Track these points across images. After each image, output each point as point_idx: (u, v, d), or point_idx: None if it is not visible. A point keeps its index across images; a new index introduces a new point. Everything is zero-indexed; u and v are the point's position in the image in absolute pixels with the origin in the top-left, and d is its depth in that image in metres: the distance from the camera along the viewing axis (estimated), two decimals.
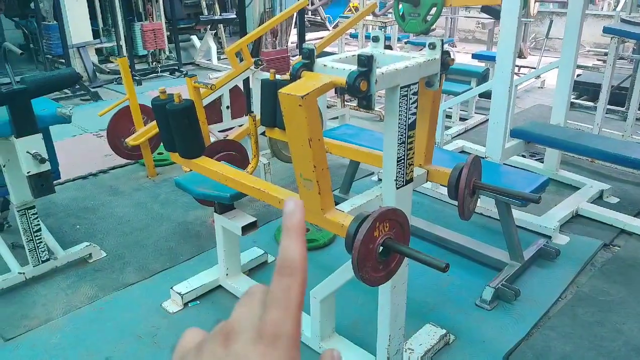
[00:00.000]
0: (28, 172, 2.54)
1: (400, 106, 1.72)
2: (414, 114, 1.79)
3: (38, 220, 2.97)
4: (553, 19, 8.12)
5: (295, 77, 1.66)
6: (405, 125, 1.77)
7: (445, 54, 1.81)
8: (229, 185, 2.15)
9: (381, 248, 1.54)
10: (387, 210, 1.54)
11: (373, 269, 1.55)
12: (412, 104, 1.77)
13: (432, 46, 1.79)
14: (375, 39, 1.93)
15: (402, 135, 1.77)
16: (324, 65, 1.67)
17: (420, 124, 1.90)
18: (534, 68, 7.58)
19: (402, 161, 1.82)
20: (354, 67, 1.58)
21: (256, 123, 2.76)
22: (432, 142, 2.06)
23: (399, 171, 1.82)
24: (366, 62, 1.52)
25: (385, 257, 1.57)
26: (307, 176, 1.64)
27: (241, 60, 4.51)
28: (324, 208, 1.69)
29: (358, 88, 1.52)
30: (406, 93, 1.73)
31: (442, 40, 1.79)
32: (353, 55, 1.81)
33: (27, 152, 2.50)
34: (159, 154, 4.70)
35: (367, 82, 1.54)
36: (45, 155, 2.53)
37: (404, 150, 1.81)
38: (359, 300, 2.86)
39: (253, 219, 2.68)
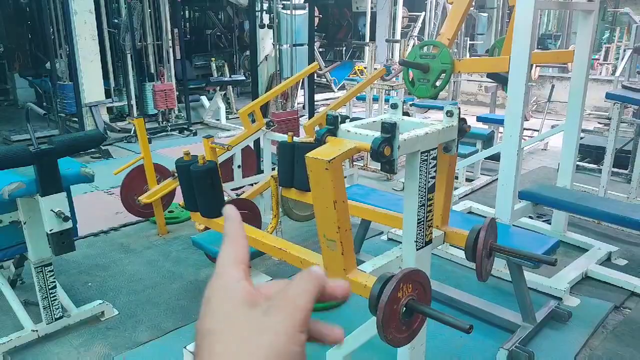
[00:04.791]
0: (50, 230, 2.59)
1: (420, 170, 1.80)
2: (433, 177, 1.86)
3: (54, 278, 2.99)
4: (554, 84, 8.36)
5: (320, 141, 1.74)
6: (425, 188, 1.84)
7: (462, 121, 1.90)
8: (249, 244, 2.19)
9: (404, 309, 1.57)
10: (410, 272, 1.58)
11: (397, 330, 1.57)
12: (431, 167, 1.84)
13: (450, 114, 1.88)
14: (394, 106, 2.02)
15: (422, 197, 1.84)
16: (348, 131, 1.76)
17: (438, 186, 1.96)
18: (537, 130, 7.74)
19: (422, 223, 1.87)
20: (376, 133, 1.66)
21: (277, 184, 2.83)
22: (449, 204, 2.12)
23: (419, 233, 1.87)
24: (390, 129, 1.60)
25: (408, 318, 1.59)
26: (331, 237, 1.69)
27: (253, 121, 4.64)
28: (346, 268, 1.73)
29: (382, 153, 1.60)
30: (426, 158, 1.80)
31: (459, 108, 1.88)
32: (374, 122, 1.90)
33: (51, 210, 2.55)
34: (169, 212, 4.76)
35: (391, 148, 1.62)
36: (68, 214, 2.58)
37: (424, 213, 1.86)
38: None
39: (268, 278, 2.70)
